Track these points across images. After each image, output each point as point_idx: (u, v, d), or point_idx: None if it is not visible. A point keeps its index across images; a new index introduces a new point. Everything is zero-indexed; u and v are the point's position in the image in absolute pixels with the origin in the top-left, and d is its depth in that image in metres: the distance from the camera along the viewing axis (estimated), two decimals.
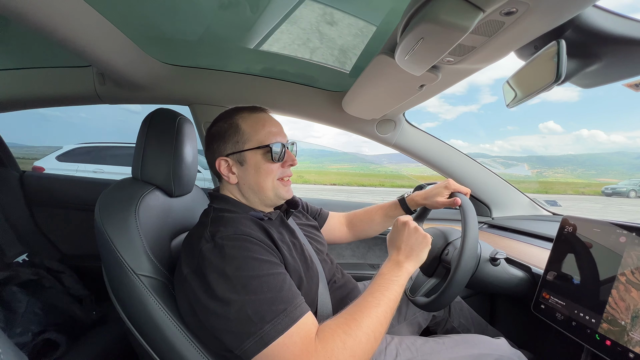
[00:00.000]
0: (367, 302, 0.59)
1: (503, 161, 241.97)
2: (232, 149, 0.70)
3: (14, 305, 0.93)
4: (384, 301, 0.59)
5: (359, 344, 0.53)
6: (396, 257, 0.68)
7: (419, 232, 0.70)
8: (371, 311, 0.57)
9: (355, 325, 0.54)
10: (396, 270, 0.66)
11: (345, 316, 0.57)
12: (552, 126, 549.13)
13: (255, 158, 0.70)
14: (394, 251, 0.70)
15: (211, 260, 0.56)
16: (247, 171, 0.70)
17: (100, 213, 0.69)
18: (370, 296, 0.60)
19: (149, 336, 0.64)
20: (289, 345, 0.50)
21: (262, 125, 0.71)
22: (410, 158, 1.37)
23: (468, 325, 1.05)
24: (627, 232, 0.63)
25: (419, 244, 0.69)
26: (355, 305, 0.59)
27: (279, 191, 0.72)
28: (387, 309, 0.59)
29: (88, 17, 0.73)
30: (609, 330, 0.59)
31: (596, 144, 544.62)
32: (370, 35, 0.86)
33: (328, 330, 0.54)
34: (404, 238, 0.70)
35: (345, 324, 0.54)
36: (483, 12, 0.45)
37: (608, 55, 0.58)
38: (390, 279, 0.64)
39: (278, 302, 0.53)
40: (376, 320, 0.56)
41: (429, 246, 0.70)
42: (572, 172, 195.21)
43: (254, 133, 0.70)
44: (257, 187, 0.71)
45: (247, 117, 0.71)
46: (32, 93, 1.19)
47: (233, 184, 0.71)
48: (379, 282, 0.63)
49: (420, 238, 0.69)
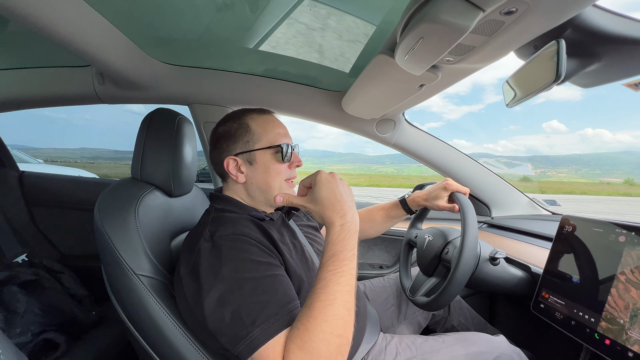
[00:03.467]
0: (320, 302, 0.50)
1: (507, 161, 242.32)
2: (241, 148, 0.70)
3: (14, 305, 0.92)
4: (340, 291, 0.51)
5: (319, 354, 0.47)
6: (334, 220, 0.55)
7: (338, 178, 0.60)
8: (326, 312, 0.49)
9: (309, 336, 0.47)
10: (345, 239, 0.54)
11: (298, 326, 0.49)
12: (555, 125, 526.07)
13: (264, 158, 0.70)
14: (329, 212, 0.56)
15: (208, 259, 0.56)
16: (256, 170, 0.70)
17: (100, 213, 0.69)
18: (324, 292, 0.50)
19: (148, 336, 0.64)
20: (265, 356, 0.48)
21: (272, 126, 0.72)
22: (411, 158, 1.38)
23: (468, 325, 1.05)
24: (626, 232, 0.63)
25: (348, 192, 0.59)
26: (308, 309, 0.50)
27: (285, 191, 0.72)
28: (345, 296, 0.51)
29: (87, 17, 0.72)
30: (607, 329, 0.59)
31: (602, 143, 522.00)
32: (369, 34, 0.86)
33: (286, 348, 0.49)
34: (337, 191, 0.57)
35: (299, 337, 0.48)
36: (483, 11, 0.46)
37: (607, 55, 0.58)
38: (345, 257, 0.53)
39: (271, 306, 0.52)
40: (334, 319, 0.49)
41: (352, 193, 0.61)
42: (576, 171, 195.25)
43: (265, 133, 0.70)
44: (265, 186, 0.71)
45: (256, 117, 0.72)
46: (31, 93, 1.19)
47: (240, 183, 0.71)
48: (331, 267, 0.52)
49: (344, 186, 0.60)
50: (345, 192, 0.59)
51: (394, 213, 1.01)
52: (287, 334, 0.50)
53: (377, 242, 1.48)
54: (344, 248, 0.54)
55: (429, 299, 0.82)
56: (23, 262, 1.21)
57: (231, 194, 0.73)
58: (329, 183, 0.58)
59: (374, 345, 0.76)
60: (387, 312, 1.01)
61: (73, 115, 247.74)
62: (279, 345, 0.49)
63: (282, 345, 0.49)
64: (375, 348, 0.76)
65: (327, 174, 0.60)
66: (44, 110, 6.05)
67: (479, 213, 1.43)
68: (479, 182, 1.38)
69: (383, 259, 1.49)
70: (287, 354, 0.48)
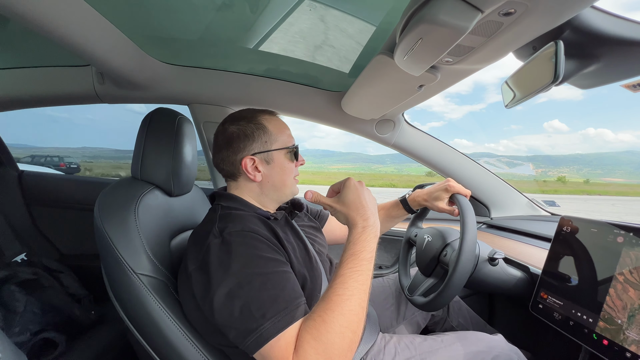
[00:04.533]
0: (337, 297, 0.53)
1: (508, 161, 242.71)
2: (260, 148, 0.72)
3: (13, 304, 0.93)
4: (357, 288, 0.54)
5: (332, 346, 0.49)
6: (357, 222, 0.61)
7: (368, 189, 0.66)
8: (343, 307, 0.52)
9: (325, 327, 0.50)
10: (366, 240, 0.59)
11: (315, 317, 0.51)
12: (557, 125, 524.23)
13: (280, 157, 0.73)
14: (354, 214, 0.61)
15: (218, 255, 0.56)
16: (273, 169, 0.73)
17: (100, 212, 0.69)
18: (342, 287, 0.53)
19: (148, 335, 0.64)
20: (276, 349, 0.50)
21: (284, 128, 0.76)
22: (410, 158, 1.38)
23: (467, 325, 1.05)
24: (624, 232, 0.63)
25: (374, 202, 0.65)
26: (326, 302, 0.53)
27: (294, 189, 0.77)
28: (361, 294, 0.54)
29: (87, 16, 0.73)
30: (605, 329, 0.60)
31: (604, 143, 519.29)
32: (369, 35, 0.86)
33: (300, 337, 0.51)
34: (361, 196, 0.63)
35: (314, 328, 0.50)
36: (482, 12, 0.46)
37: (606, 56, 0.58)
38: (364, 257, 0.57)
39: (280, 300, 0.53)
40: (350, 314, 0.51)
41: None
42: (577, 171, 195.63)
43: (280, 134, 0.74)
44: (281, 184, 0.74)
45: (270, 119, 0.75)
46: (31, 92, 1.19)
47: (257, 181, 0.72)
48: (350, 265, 0.56)
49: (371, 195, 0.65)
50: (369, 199, 0.64)
51: (394, 212, 1.01)
52: (295, 328, 0.51)
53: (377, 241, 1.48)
54: (364, 249, 0.58)
55: (426, 299, 0.82)
56: (22, 261, 1.21)
57: (239, 193, 0.73)
58: (356, 189, 0.64)
59: (372, 345, 0.76)
60: (386, 312, 1.01)
61: (75, 114, 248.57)
62: (288, 338, 0.50)
63: (290, 338, 0.50)
64: (374, 348, 0.76)
65: (356, 181, 0.66)
66: (46, 110, 6.10)
67: (478, 214, 1.43)
68: (478, 183, 1.39)
69: (382, 259, 1.49)
70: (302, 343, 0.49)
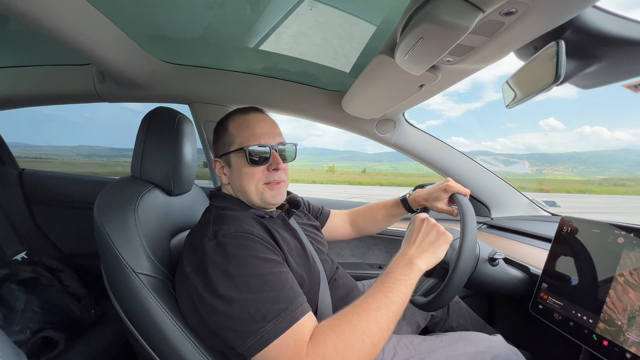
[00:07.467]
0: (366, 304, 0.54)
1: (504, 159, 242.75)
2: (221, 150, 0.70)
3: (13, 303, 0.93)
4: (386, 303, 0.54)
5: (352, 349, 0.49)
6: (407, 251, 0.63)
7: (438, 228, 0.66)
8: (369, 315, 0.52)
9: (350, 329, 0.50)
10: (406, 267, 0.60)
11: (341, 317, 0.53)
12: (553, 123, 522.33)
13: (238, 161, 0.69)
14: (406, 245, 0.65)
15: (214, 258, 0.56)
16: (233, 173, 0.70)
17: (99, 211, 0.69)
18: (372, 297, 0.55)
19: (147, 334, 0.64)
20: (282, 347, 0.49)
21: (246, 127, 0.70)
22: (410, 158, 1.38)
23: (467, 325, 1.05)
24: (625, 233, 0.63)
25: (437, 240, 0.65)
26: (354, 306, 0.54)
27: (264, 196, 0.70)
28: (389, 312, 0.54)
29: (88, 16, 0.72)
30: (605, 330, 0.59)
31: (600, 141, 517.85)
32: (370, 34, 0.86)
33: (321, 332, 0.51)
34: (422, 233, 0.66)
35: (339, 327, 0.51)
36: (483, 12, 0.46)
37: (607, 56, 0.58)
38: (397, 277, 0.58)
39: (280, 301, 0.52)
40: (374, 325, 0.52)
41: (448, 243, 0.66)
42: (572, 169, 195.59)
43: (237, 135, 0.69)
44: (242, 189, 0.70)
45: (236, 118, 0.71)
46: (32, 91, 1.19)
47: (225, 184, 0.73)
48: (383, 281, 0.58)
49: (439, 234, 0.66)
50: (430, 240, 0.65)
51: (395, 212, 1.01)
52: (301, 326, 0.51)
53: (377, 242, 1.48)
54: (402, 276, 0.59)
55: (426, 299, 0.81)
56: (22, 259, 1.21)
57: (229, 192, 0.74)
58: (416, 227, 0.68)
59: None
60: None
61: (71, 112, 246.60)
62: (296, 335, 0.50)
63: (298, 335, 0.50)
64: None
65: (420, 219, 0.68)
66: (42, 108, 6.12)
67: (478, 214, 1.43)
68: (478, 183, 1.38)
69: (383, 259, 1.49)
70: (323, 337, 0.50)
